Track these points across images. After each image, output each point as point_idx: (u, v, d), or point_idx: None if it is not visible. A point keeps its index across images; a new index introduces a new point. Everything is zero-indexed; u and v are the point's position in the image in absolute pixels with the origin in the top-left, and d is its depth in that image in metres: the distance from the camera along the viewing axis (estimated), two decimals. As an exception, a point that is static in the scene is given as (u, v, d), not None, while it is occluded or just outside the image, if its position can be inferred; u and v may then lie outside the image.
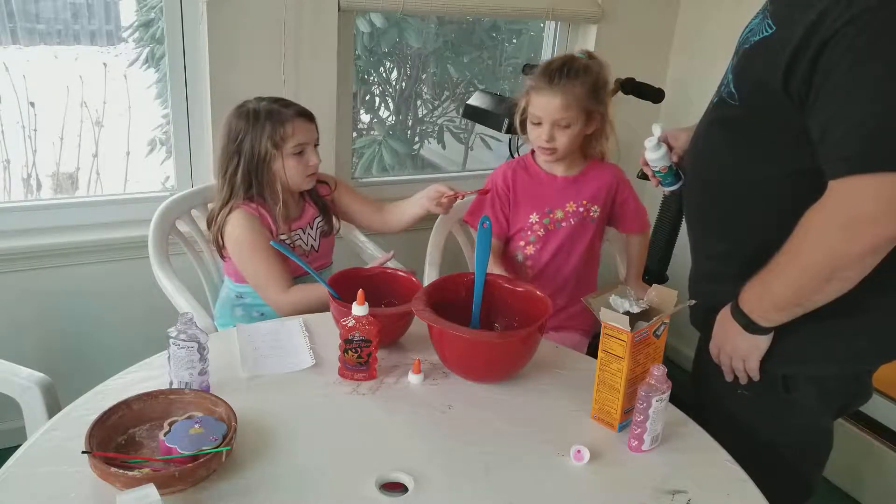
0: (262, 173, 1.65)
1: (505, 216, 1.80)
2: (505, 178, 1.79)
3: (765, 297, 1.15)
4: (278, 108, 1.65)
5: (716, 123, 1.24)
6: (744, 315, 1.18)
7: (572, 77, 1.63)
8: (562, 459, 1.10)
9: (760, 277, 1.15)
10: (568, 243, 1.78)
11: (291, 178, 1.68)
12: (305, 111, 1.69)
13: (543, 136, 1.67)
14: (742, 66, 1.17)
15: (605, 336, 1.15)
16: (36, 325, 2.05)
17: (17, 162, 2.16)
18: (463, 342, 1.24)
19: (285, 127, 1.63)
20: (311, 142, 1.69)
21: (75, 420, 1.09)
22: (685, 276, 1.41)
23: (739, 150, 1.19)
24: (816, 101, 1.03)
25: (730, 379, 1.28)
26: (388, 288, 1.48)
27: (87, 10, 2.16)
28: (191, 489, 0.97)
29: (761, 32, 1.12)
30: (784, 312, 1.14)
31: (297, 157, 1.67)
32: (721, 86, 1.23)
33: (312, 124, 1.70)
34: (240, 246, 1.63)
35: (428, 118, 2.98)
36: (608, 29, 2.54)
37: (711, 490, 1.06)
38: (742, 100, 1.15)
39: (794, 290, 1.11)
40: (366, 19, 2.51)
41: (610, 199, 1.80)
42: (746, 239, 1.22)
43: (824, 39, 0.99)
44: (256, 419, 1.13)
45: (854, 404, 1.35)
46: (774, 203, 1.16)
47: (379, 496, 1.01)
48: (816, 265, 1.06)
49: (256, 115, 1.63)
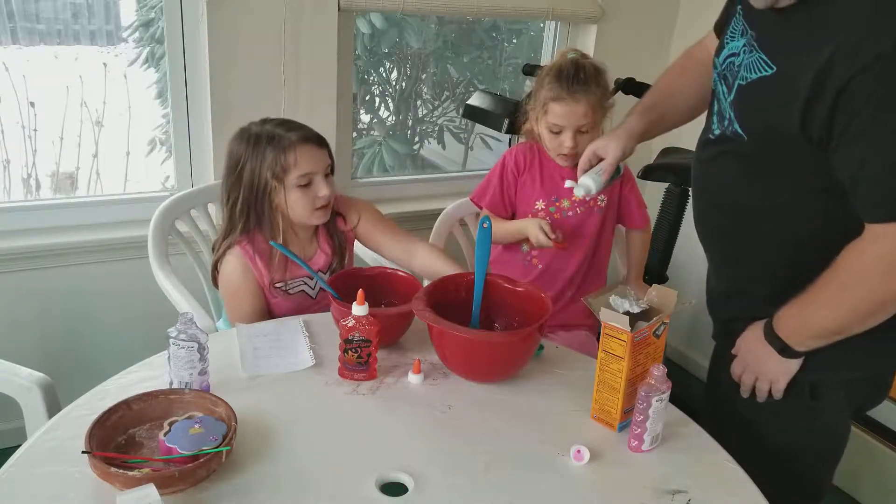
0: (262, 206, 1.47)
1: (510, 197, 1.82)
2: (517, 161, 1.81)
3: (805, 328, 1.17)
4: (282, 133, 1.45)
5: (725, 155, 1.24)
6: (780, 340, 1.19)
7: (588, 82, 1.64)
8: (562, 459, 1.10)
9: (800, 307, 1.16)
10: (576, 233, 1.78)
11: (295, 213, 1.48)
12: (313, 135, 1.49)
13: (567, 143, 1.68)
14: (745, 106, 1.17)
15: (605, 336, 1.15)
16: (36, 325, 2.05)
17: (16, 162, 2.16)
18: (463, 342, 1.24)
19: (287, 155, 1.43)
20: (321, 171, 1.48)
21: (75, 420, 1.09)
22: (685, 276, 1.41)
23: (757, 178, 1.19)
24: (840, 147, 1.05)
25: (746, 396, 1.29)
26: (388, 288, 1.48)
27: (87, 10, 2.16)
28: (191, 489, 0.97)
29: (758, 70, 1.13)
30: (822, 340, 1.17)
31: (303, 189, 1.46)
32: (721, 118, 1.22)
33: (322, 150, 1.49)
34: (226, 287, 1.53)
35: (428, 118, 2.98)
36: (608, 29, 2.54)
37: (711, 490, 1.06)
38: (754, 141, 1.16)
39: (838, 325, 1.13)
40: (366, 19, 2.51)
41: (616, 190, 1.81)
42: (776, 259, 1.23)
43: (840, 87, 1.00)
44: (256, 419, 1.13)
45: (871, 405, 1.35)
46: (803, 222, 1.18)
47: (379, 496, 1.01)
48: (863, 303, 1.09)
49: (258, 140, 1.45)
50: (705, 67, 1.37)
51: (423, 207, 2.43)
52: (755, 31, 1.16)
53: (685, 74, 1.46)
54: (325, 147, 1.51)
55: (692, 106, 1.45)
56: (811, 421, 1.28)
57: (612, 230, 1.85)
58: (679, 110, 1.47)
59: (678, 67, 1.49)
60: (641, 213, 1.86)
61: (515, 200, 1.82)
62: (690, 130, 1.45)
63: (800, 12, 1.08)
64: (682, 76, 1.47)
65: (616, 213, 1.84)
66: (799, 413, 1.27)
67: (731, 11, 1.26)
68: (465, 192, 1.98)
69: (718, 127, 1.24)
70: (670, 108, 1.46)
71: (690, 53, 1.48)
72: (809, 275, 1.14)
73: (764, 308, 1.24)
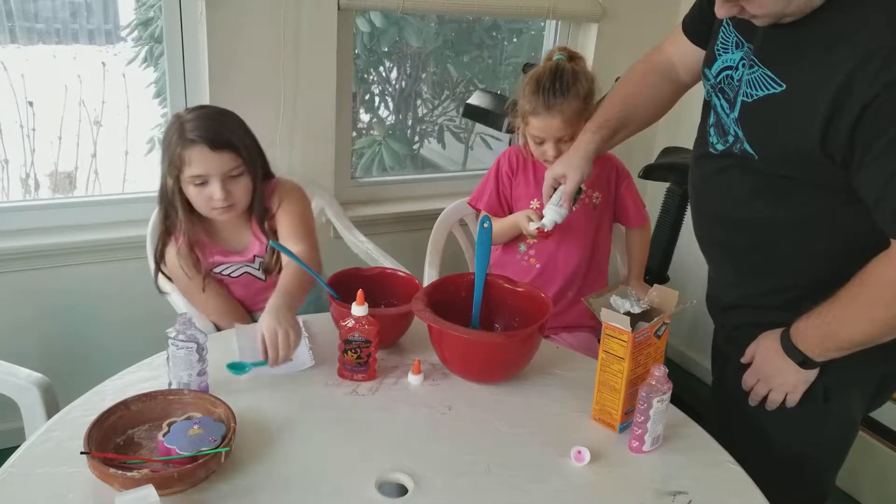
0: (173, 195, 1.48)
1: (506, 198, 1.83)
2: (510, 162, 1.82)
3: (829, 341, 1.15)
4: (188, 128, 1.43)
5: (733, 169, 1.21)
6: (800, 353, 1.18)
7: (566, 92, 1.63)
8: (562, 460, 1.10)
9: (821, 320, 1.15)
10: (572, 231, 1.78)
11: (198, 207, 1.48)
12: (212, 137, 1.41)
13: (550, 153, 1.69)
14: (755, 125, 1.15)
15: (605, 336, 1.15)
16: (34, 325, 2.05)
17: (15, 161, 2.15)
18: (463, 342, 1.24)
19: (183, 152, 1.42)
20: (216, 174, 1.43)
21: (74, 421, 1.09)
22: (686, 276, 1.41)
23: (771, 194, 1.17)
24: (864, 164, 1.02)
25: (755, 404, 1.28)
26: (388, 288, 1.47)
27: (86, 9, 2.15)
28: (190, 490, 0.97)
29: (764, 87, 1.11)
30: (845, 352, 1.15)
31: (198, 187, 1.45)
32: (723, 133, 1.21)
33: (219, 154, 1.42)
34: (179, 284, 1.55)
35: (428, 118, 2.97)
36: (609, 28, 2.54)
37: (712, 491, 1.06)
38: (765, 159, 1.14)
39: (863, 337, 1.12)
40: (365, 18, 2.50)
41: (612, 188, 1.81)
42: (791, 271, 1.21)
43: (865, 103, 0.98)
44: (256, 419, 1.13)
45: (877, 404, 1.34)
46: (819, 234, 1.16)
47: (379, 497, 1.00)
48: (893, 318, 1.07)
49: (170, 130, 1.46)
50: (664, 76, 1.39)
51: (423, 207, 2.42)
52: (753, 43, 1.13)
53: (644, 83, 1.45)
54: (225, 150, 1.43)
55: (650, 116, 1.47)
56: (823, 423, 1.27)
57: (609, 228, 1.85)
58: (637, 122, 1.47)
59: (638, 74, 1.47)
60: (639, 211, 1.85)
61: (511, 201, 1.82)
62: (690, 130, 1.45)
63: (808, 24, 1.05)
64: (643, 85, 1.46)
65: (612, 211, 1.84)
66: (810, 417, 1.25)
67: (709, 18, 1.22)
68: (465, 192, 1.98)
69: (721, 142, 1.22)
70: (629, 121, 1.46)
71: (650, 59, 1.46)
72: (827, 285, 1.13)
73: (776, 314, 1.22)
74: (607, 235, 1.85)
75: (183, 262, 1.52)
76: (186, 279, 1.54)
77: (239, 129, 1.50)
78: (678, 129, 1.52)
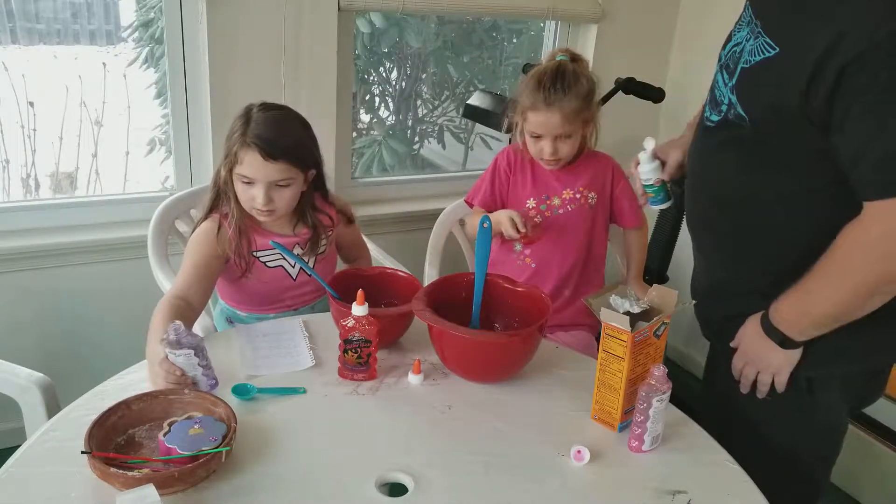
0: (224, 184, 1.49)
1: (501, 195, 1.83)
2: (508, 160, 1.82)
3: (804, 317, 1.16)
4: (249, 126, 1.43)
5: (726, 144, 1.22)
6: (779, 332, 1.19)
7: (567, 90, 1.63)
8: (562, 460, 1.10)
9: (798, 297, 1.16)
10: (567, 231, 1.78)
11: (241, 201, 1.48)
12: (268, 147, 1.40)
13: (547, 149, 1.69)
14: (748, 88, 1.16)
15: (605, 336, 1.15)
16: (35, 325, 2.05)
17: (16, 162, 2.15)
18: (463, 342, 1.24)
19: (239, 148, 1.42)
20: (262, 180, 1.42)
21: (75, 420, 1.09)
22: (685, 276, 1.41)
23: (757, 170, 1.18)
24: (844, 125, 1.03)
25: (745, 391, 1.28)
26: (388, 288, 1.47)
27: (87, 10, 2.16)
28: (190, 489, 0.97)
29: (761, 52, 1.12)
30: (823, 328, 1.16)
31: (245, 185, 1.45)
32: (720, 104, 1.22)
33: (270, 164, 1.41)
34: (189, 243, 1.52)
35: (428, 118, 2.97)
36: (608, 28, 2.54)
37: (712, 490, 1.06)
38: (755, 122, 1.15)
39: (838, 310, 1.12)
40: (366, 19, 2.51)
41: (608, 188, 1.81)
42: (776, 252, 1.22)
43: (846, 62, 1.00)
44: (257, 419, 1.13)
45: (869, 400, 1.35)
46: (805, 215, 1.16)
47: (379, 496, 1.01)
48: (863, 285, 1.08)
49: (236, 120, 1.47)
50: None
51: (423, 207, 2.43)
52: (761, 19, 1.15)
53: None
54: (278, 161, 1.42)
55: None
56: (809, 417, 1.28)
57: (605, 228, 1.85)
58: None
59: None
60: (635, 211, 1.85)
61: (507, 199, 1.82)
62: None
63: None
64: None
65: (608, 212, 1.84)
66: (797, 409, 1.26)
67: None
68: (464, 193, 1.98)
69: (715, 113, 1.23)
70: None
71: None
72: (809, 267, 1.14)
73: (760, 303, 1.23)
74: (603, 236, 1.85)
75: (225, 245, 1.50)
76: (198, 241, 1.49)
77: (300, 141, 1.50)
78: (678, 129, 1.52)
